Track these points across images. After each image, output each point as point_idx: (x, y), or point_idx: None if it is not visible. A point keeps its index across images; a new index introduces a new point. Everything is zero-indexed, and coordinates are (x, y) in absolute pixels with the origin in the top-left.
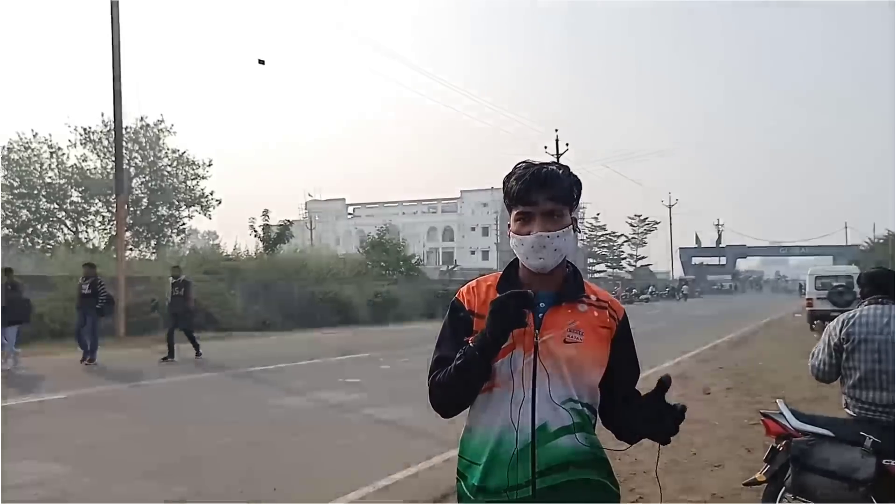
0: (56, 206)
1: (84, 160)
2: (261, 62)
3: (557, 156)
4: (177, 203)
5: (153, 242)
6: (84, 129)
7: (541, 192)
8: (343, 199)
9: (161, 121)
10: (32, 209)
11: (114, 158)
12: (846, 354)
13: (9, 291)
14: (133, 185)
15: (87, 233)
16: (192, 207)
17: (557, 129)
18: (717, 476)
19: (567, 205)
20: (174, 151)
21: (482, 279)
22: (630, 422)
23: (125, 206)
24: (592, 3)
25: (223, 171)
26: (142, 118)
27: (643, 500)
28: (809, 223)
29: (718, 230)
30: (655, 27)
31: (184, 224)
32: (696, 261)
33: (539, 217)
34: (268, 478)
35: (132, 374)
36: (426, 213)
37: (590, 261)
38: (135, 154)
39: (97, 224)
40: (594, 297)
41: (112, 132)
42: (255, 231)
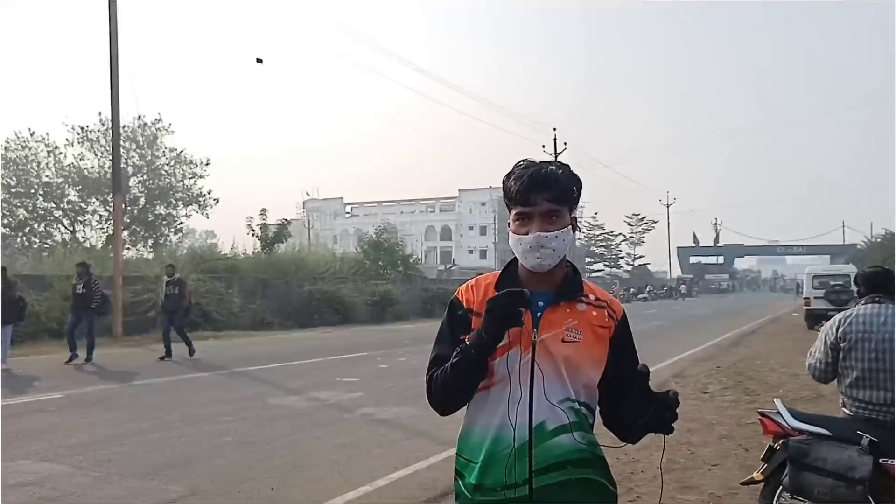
0: (53, 206)
1: (81, 159)
2: (258, 61)
3: (556, 155)
4: (174, 202)
5: (151, 241)
6: (81, 128)
7: (539, 194)
8: (341, 199)
9: (159, 120)
10: (30, 208)
11: (111, 157)
12: (843, 353)
13: (4, 290)
14: (130, 185)
15: (85, 232)
16: (190, 206)
17: (555, 129)
18: (715, 475)
19: (566, 205)
20: (172, 150)
21: (481, 278)
22: (628, 419)
23: (122, 206)
24: (592, 3)
25: (221, 171)
26: (139, 117)
27: (641, 500)
28: (807, 222)
29: (716, 229)
30: (655, 27)
31: (181, 223)
32: (694, 260)
33: (538, 217)
34: (265, 477)
35: (130, 374)
36: (424, 213)
37: (587, 260)
38: (132, 153)
39: (94, 223)
40: (593, 297)
41: (109, 131)
42: (253, 230)
